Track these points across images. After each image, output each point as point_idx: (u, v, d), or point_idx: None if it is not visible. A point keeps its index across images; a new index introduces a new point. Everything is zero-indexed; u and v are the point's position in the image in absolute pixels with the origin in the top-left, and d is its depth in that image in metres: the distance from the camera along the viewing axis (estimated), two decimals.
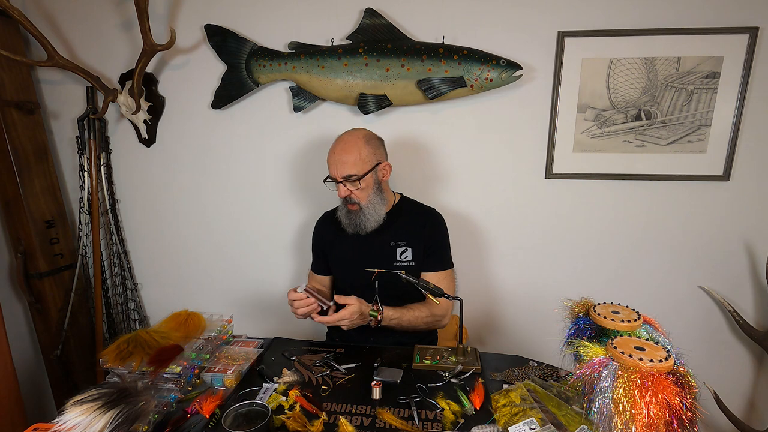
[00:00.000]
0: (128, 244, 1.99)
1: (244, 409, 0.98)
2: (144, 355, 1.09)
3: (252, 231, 1.91)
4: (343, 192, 1.37)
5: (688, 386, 0.76)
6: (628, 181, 1.66)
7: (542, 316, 1.80)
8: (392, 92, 1.62)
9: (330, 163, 1.38)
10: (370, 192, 1.39)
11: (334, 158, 1.37)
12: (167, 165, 1.89)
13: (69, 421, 0.81)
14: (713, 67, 1.52)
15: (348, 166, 1.34)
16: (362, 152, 1.36)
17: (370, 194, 1.39)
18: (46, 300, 1.85)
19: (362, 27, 1.61)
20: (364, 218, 1.40)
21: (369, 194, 1.39)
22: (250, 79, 1.70)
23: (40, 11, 1.78)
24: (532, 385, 1.09)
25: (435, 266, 1.47)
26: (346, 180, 1.36)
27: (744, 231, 1.66)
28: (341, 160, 1.35)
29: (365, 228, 1.41)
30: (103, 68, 1.81)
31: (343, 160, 1.35)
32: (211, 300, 2.01)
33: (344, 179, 1.36)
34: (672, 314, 1.75)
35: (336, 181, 1.37)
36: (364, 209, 1.39)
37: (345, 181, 1.36)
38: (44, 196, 1.83)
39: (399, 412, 1.03)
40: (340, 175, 1.36)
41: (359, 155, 1.35)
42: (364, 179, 1.36)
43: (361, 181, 1.36)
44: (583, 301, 1.02)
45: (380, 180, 1.42)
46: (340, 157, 1.35)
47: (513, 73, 1.55)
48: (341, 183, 1.37)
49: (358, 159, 1.35)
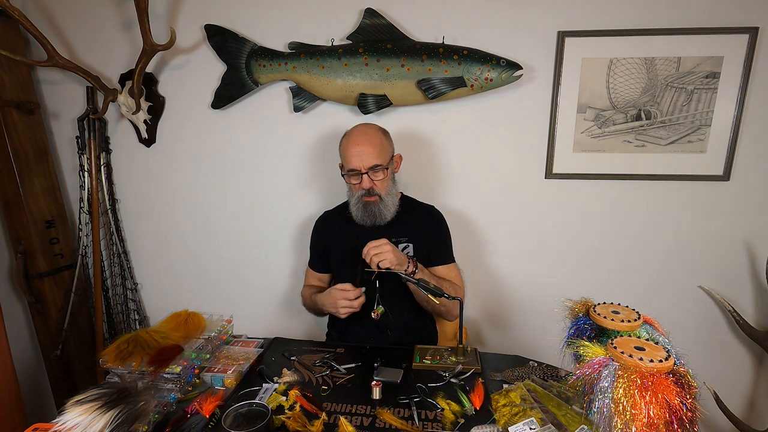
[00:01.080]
0: (128, 244, 1.99)
1: (244, 409, 0.98)
2: (144, 355, 1.09)
3: (252, 231, 1.91)
4: (368, 183, 1.38)
5: (688, 386, 0.76)
6: (628, 181, 1.66)
7: (542, 316, 1.80)
8: (392, 92, 1.62)
9: (351, 155, 1.37)
10: (389, 182, 1.42)
11: (357, 149, 1.37)
12: (167, 165, 1.89)
13: (69, 421, 0.81)
14: (713, 67, 1.52)
15: (374, 157, 1.36)
16: (383, 143, 1.40)
17: (389, 185, 1.42)
18: (46, 300, 1.85)
19: (362, 27, 1.61)
20: (384, 208, 1.41)
21: (388, 184, 1.41)
22: (250, 79, 1.70)
23: (40, 11, 1.78)
24: (532, 385, 1.09)
25: (445, 259, 1.48)
26: (371, 170, 1.37)
27: (744, 231, 1.66)
28: (366, 151, 1.36)
29: (384, 218, 1.42)
30: (103, 68, 1.81)
31: (368, 151, 1.36)
32: (211, 300, 2.01)
33: (370, 169, 1.36)
34: (672, 314, 1.75)
35: (360, 172, 1.37)
36: (384, 199, 1.40)
37: (370, 171, 1.37)
38: (44, 196, 1.83)
39: (399, 412, 1.03)
40: (365, 165, 1.36)
41: (381, 145, 1.39)
42: (387, 169, 1.39)
43: (386, 171, 1.39)
44: (583, 301, 1.02)
45: (394, 171, 1.47)
46: (365, 148, 1.36)
47: (513, 73, 1.55)
48: (365, 174, 1.37)
49: (381, 149, 1.38)
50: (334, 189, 1.80)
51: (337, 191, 1.78)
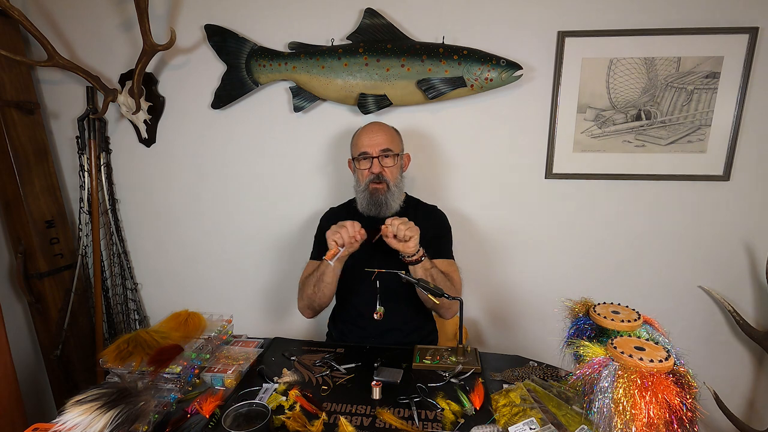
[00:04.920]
0: (128, 244, 1.99)
1: (244, 409, 0.98)
2: (144, 355, 1.08)
3: (252, 231, 1.91)
4: (377, 167, 1.41)
5: (688, 386, 0.76)
6: (628, 181, 1.66)
7: (542, 316, 1.80)
8: (392, 92, 1.62)
9: (363, 142, 1.43)
10: (398, 174, 1.46)
11: (370, 135, 1.43)
12: (167, 165, 1.89)
13: (69, 421, 0.81)
14: (713, 67, 1.52)
15: (386, 142, 1.42)
16: (395, 135, 1.48)
17: (398, 176, 1.45)
18: (46, 300, 1.85)
19: (362, 27, 1.61)
20: (391, 198, 1.42)
21: (397, 176, 1.45)
22: (250, 79, 1.70)
23: (40, 11, 1.78)
24: (532, 385, 1.09)
25: (444, 254, 1.49)
26: (383, 154, 1.41)
27: (744, 231, 1.66)
28: (379, 137, 1.42)
29: (389, 209, 1.43)
30: (103, 68, 1.81)
31: (381, 137, 1.42)
32: (211, 300, 2.01)
33: (381, 153, 1.41)
34: (672, 314, 1.75)
35: (371, 156, 1.41)
36: (392, 189, 1.43)
37: (382, 155, 1.41)
38: (44, 196, 1.83)
39: (399, 412, 1.03)
40: (377, 149, 1.41)
41: (394, 136, 1.47)
42: (397, 158, 1.44)
43: (396, 158, 1.43)
44: (583, 301, 1.02)
45: (403, 168, 1.50)
46: (378, 135, 1.43)
47: (513, 73, 1.55)
48: (377, 158, 1.41)
49: (393, 138, 1.46)
50: (334, 189, 1.80)
51: (338, 191, 1.78)
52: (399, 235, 1.26)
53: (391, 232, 1.27)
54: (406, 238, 1.26)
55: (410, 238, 1.26)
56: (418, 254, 1.31)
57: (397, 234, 1.26)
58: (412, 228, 1.26)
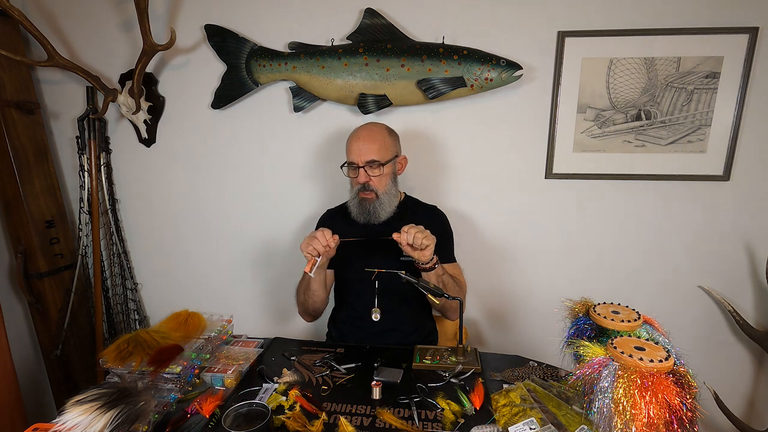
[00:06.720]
0: (128, 244, 1.99)
1: (244, 409, 0.98)
2: (144, 355, 1.09)
3: (252, 231, 1.91)
4: (363, 178, 1.38)
5: (688, 386, 0.76)
6: (628, 181, 1.66)
7: (542, 316, 1.80)
8: (392, 92, 1.62)
9: (352, 149, 1.39)
10: (388, 181, 1.41)
11: (358, 144, 1.38)
12: (167, 165, 1.89)
13: (69, 421, 0.81)
14: (713, 67, 1.52)
15: (372, 152, 1.37)
16: (386, 141, 1.40)
17: (387, 183, 1.41)
18: (46, 300, 1.85)
19: (362, 27, 1.61)
20: (379, 207, 1.40)
21: (387, 183, 1.41)
22: (250, 79, 1.70)
23: (40, 11, 1.78)
24: (532, 385, 1.09)
25: (446, 258, 1.48)
26: (368, 165, 1.37)
27: (744, 231, 1.66)
28: (366, 146, 1.37)
29: (378, 217, 1.41)
30: (103, 68, 1.80)
31: (368, 146, 1.38)
32: (211, 300, 2.01)
33: (366, 164, 1.37)
34: (672, 314, 1.75)
35: (357, 166, 1.38)
36: (381, 197, 1.40)
37: (366, 166, 1.37)
38: (44, 196, 1.83)
39: (399, 412, 1.03)
40: (363, 160, 1.37)
41: (384, 143, 1.39)
42: (385, 166, 1.39)
43: (383, 168, 1.38)
44: (583, 301, 1.02)
45: (396, 172, 1.47)
46: (365, 144, 1.38)
47: (513, 73, 1.55)
48: (362, 168, 1.37)
49: (382, 146, 1.39)
50: (334, 189, 1.80)
51: (337, 191, 1.78)
52: (415, 244, 1.24)
53: (405, 240, 1.24)
54: (422, 246, 1.23)
55: (426, 246, 1.24)
56: (432, 261, 1.29)
57: (414, 242, 1.24)
58: (429, 236, 1.24)
